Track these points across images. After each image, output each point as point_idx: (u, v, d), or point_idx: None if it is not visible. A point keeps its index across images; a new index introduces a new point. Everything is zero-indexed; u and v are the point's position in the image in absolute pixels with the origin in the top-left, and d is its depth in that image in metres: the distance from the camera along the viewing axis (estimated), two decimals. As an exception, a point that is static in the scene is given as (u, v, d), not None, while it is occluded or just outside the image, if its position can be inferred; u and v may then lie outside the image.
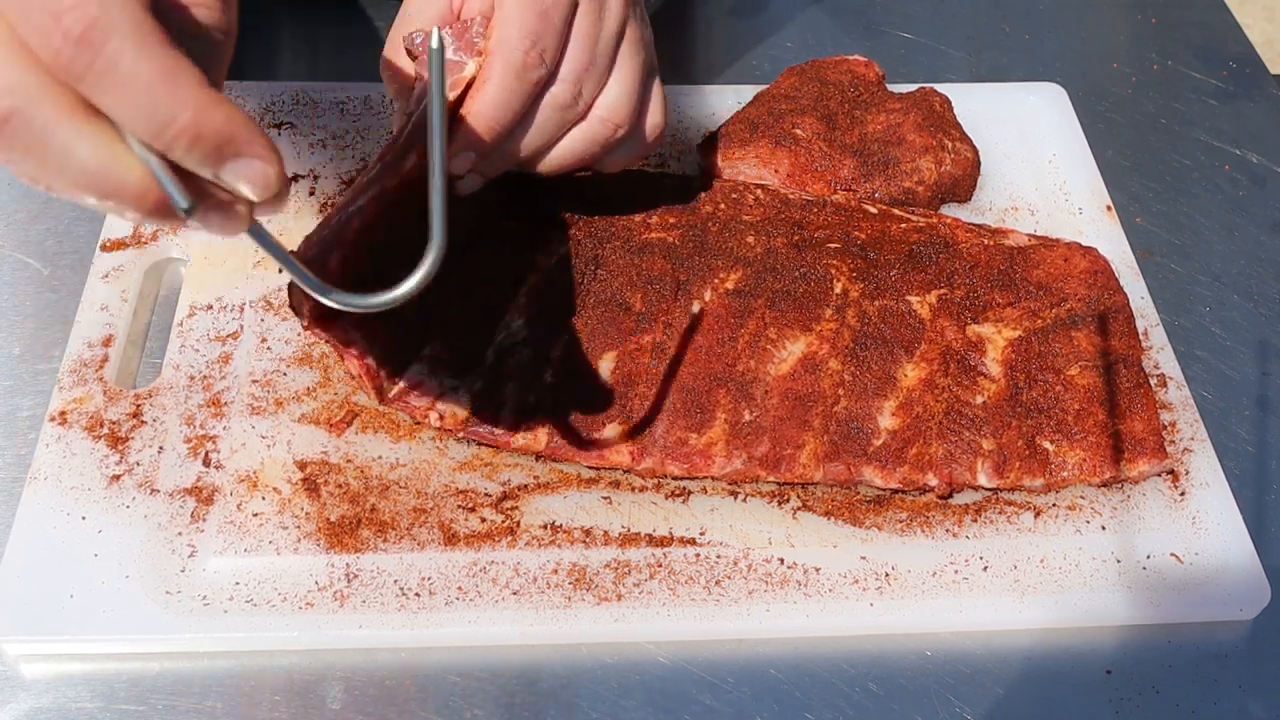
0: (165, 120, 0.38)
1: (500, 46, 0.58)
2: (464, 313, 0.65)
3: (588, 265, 0.68)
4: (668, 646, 0.60)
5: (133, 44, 0.37)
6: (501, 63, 0.58)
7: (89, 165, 0.39)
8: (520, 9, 0.58)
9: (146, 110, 0.38)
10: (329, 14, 0.95)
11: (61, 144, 0.39)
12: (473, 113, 0.59)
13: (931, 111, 0.79)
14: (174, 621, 0.58)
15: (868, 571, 0.62)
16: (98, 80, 0.37)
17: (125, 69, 0.37)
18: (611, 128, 0.63)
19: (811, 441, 0.63)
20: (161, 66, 0.37)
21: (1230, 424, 0.72)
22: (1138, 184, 0.87)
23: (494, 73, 0.58)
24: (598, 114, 0.63)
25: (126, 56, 0.37)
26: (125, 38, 0.37)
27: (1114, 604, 0.61)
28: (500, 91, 0.58)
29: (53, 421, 0.64)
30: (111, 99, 0.38)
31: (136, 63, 0.37)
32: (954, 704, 0.59)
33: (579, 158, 0.64)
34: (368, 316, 0.59)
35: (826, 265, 0.70)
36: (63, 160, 0.39)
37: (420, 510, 0.62)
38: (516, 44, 0.58)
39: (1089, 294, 0.70)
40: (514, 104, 0.59)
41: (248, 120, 0.40)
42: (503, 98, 0.59)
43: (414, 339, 0.63)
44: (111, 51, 0.37)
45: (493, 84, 0.58)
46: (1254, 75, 0.96)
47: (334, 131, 0.81)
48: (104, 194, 0.40)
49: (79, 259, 0.74)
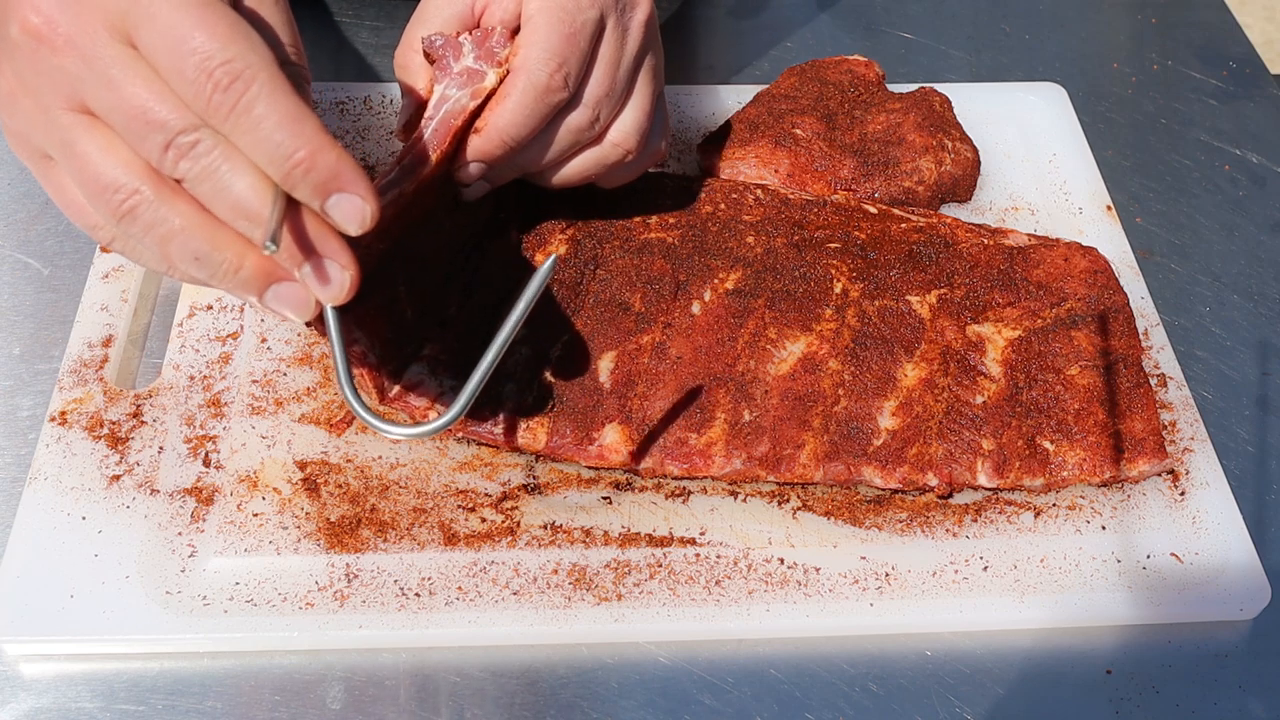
0: (288, 154, 0.45)
1: (525, 65, 0.59)
2: (464, 312, 0.65)
3: (587, 265, 0.68)
4: (668, 646, 0.60)
5: (267, 91, 0.45)
6: (525, 80, 0.59)
7: (198, 233, 0.48)
8: (549, 29, 0.59)
9: (273, 144, 0.45)
10: (329, 14, 0.95)
11: (174, 222, 0.47)
12: (489, 125, 0.59)
13: (931, 111, 0.79)
14: (174, 621, 0.58)
15: (868, 571, 0.62)
16: (237, 120, 0.45)
17: (259, 111, 0.45)
18: (622, 152, 0.64)
19: (811, 441, 0.63)
20: (288, 111, 0.45)
21: (1230, 424, 0.72)
22: (1138, 184, 0.87)
23: (516, 89, 0.59)
24: (611, 139, 0.64)
25: (262, 101, 0.45)
26: (261, 85, 0.45)
27: (1114, 604, 0.61)
28: (520, 109, 0.59)
29: (53, 421, 0.64)
30: (247, 136, 0.45)
31: (270, 107, 0.45)
32: (954, 704, 0.59)
33: (585, 176, 0.65)
34: (370, 315, 0.59)
35: (826, 265, 0.70)
36: (173, 233, 0.48)
37: (420, 510, 0.62)
38: (542, 65, 0.59)
39: (1089, 294, 0.70)
40: (531, 123, 0.60)
41: (355, 164, 0.47)
42: (521, 116, 0.59)
43: (415, 339, 0.63)
44: (250, 97, 0.45)
45: (513, 100, 0.59)
46: (1254, 75, 0.96)
47: (334, 131, 0.81)
48: (212, 264, 0.48)
49: (79, 259, 0.74)
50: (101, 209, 0.48)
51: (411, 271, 0.62)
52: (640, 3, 0.63)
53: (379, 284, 0.59)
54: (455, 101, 0.59)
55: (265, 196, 0.46)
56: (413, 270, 0.62)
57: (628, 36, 0.62)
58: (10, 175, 0.80)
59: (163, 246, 0.48)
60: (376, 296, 0.59)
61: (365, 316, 0.59)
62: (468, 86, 0.60)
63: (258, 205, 0.47)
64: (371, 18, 0.95)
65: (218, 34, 0.44)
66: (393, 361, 0.62)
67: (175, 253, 0.48)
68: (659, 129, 0.67)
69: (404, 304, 0.62)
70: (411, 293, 0.62)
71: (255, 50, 0.45)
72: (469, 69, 0.60)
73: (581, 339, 0.65)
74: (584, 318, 0.66)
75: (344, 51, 0.92)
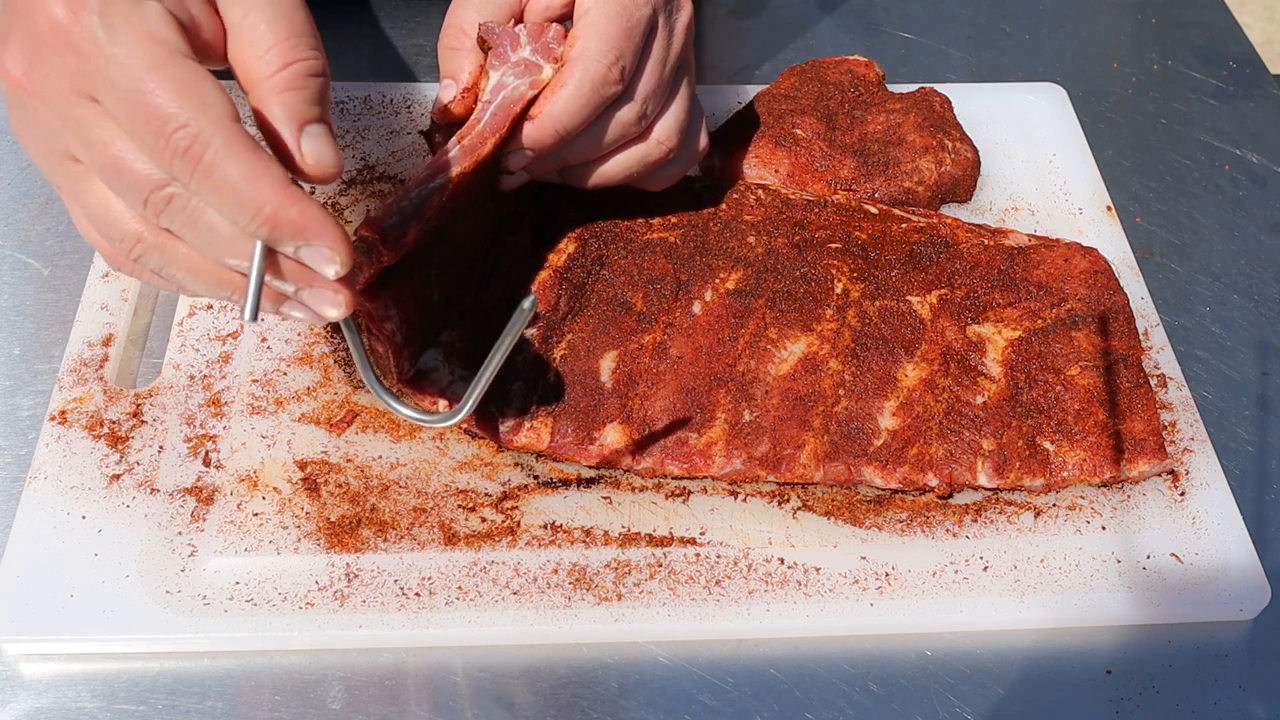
0: (252, 212, 0.46)
1: (582, 56, 0.60)
2: (480, 303, 0.65)
3: (594, 265, 0.68)
4: (668, 646, 0.60)
5: (225, 153, 0.45)
6: (582, 71, 0.60)
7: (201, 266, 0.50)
8: (607, 22, 0.60)
9: (237, 203, 0.46)
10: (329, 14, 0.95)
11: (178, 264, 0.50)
12: (543, 114, 0.60)
13: (931, 111, 0.79)
14: (174, 621, 0.58)
15: (868, 571, 0.62)
16: (200, 182, 0.45)
17: (219, 173, 0.45)
18: (665, 150, 0.65)
19: (811, 441, 0.63)
20: (248, 169, 0.45)
21: (1230, 424, 0.72)
22: (1138, 184, 0.87)
23: (573, 79, 0.60)
24: (656, 136, 0.65)
25: (219, 163, 0.45)
26: (218, 149, 0.45)
27: (1114, 604, 0.61)
28: (575, 99, 0.60)
29: (53, 421, 0.64)
30: (210, 196, 0.46)
31: (227, 167, 0.45)
32: (954, 704, 0.59)
33: (628, 174, 0.66)
34: (405, 295, 0.60)
35: (827, 265, 0.70)
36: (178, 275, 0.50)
37: (420, 510, 0.62)
38: (600, 57, 0.60)
39: (1089, 294, 0.70)
40: (584, 113, 0.60)
41: (320, 213, 0.47)
42: (576, 106, 0.60)
43: (436, 324, 0.63)
44: (209, 160, 0.45)
45: (569, 90, 0.60)
46: (1254, 75, 0.96)
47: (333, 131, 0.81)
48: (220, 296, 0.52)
49: (79, 259, 0.74)
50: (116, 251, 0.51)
51: (445, 255, 0.63)
52: (685, 5, 0.64)
53: (418, 262, 0.60)
54: (513, 89, 0.60)
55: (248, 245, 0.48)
56: (446, 254, 0.63)
57: (673, 36, 0.63)
58: (10, 175, 0.80)
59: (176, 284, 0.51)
60: (415, 275, 0.60)
61: (401, 295, 0.59)
62: (525, 76, 0.61)
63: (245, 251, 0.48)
64: (372, 18, 0.95)
65: (168, 95, 0.44)
66: (413, 344, 0.62)
67: (189, 288, 0.51)
68: (697, 128, 0.68)
69: (433, 286, 0.62)
70: (442, 276, 0.63)
71: (209, 110, 0.45)
72: (526, 60, 0.61)
73: (584, 338, 0.65)
74: (587, 317, 0.66)
75: (344, 51, 0.92)
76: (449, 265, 0.63)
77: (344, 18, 0.95)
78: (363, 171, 0.79)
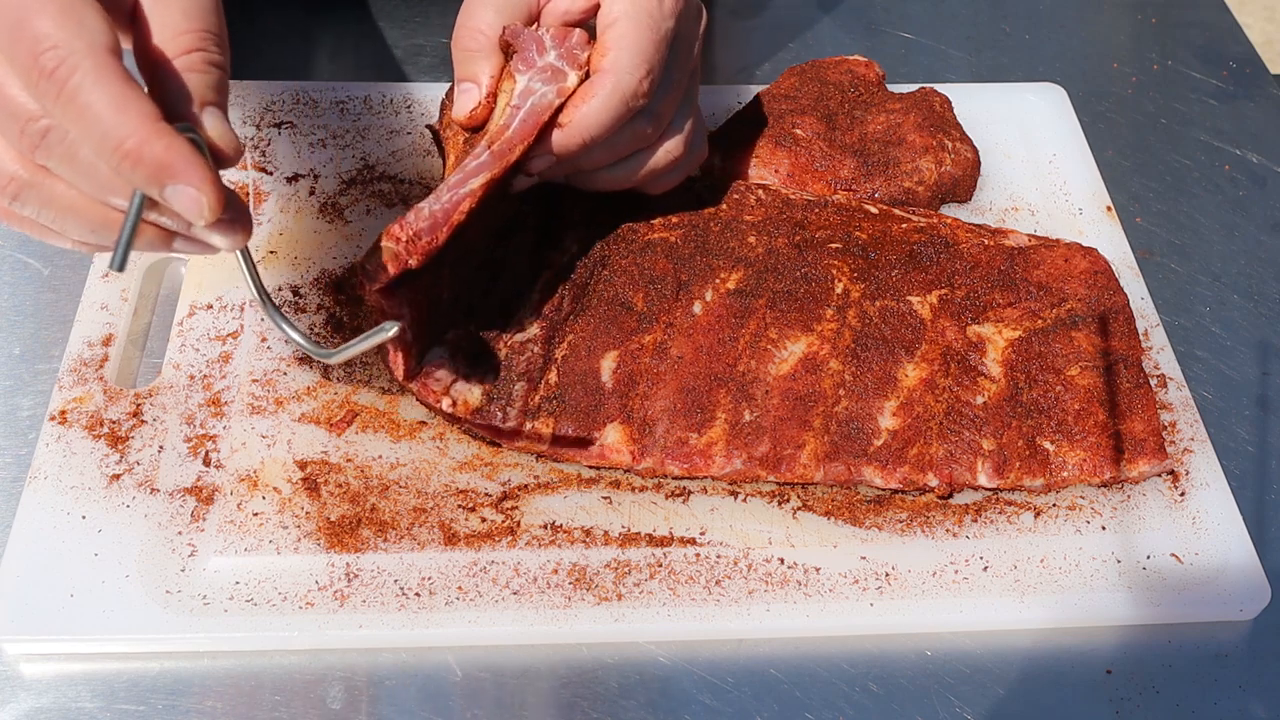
0: (114, 143, 0.44)
1: (615, 67, 0.60)
2: (486, 299, 0.65)
3: (596, 265, 0.68)
4: (668, 646, 0.60)
5: (92, 79, 0.43)
6: (614, 83, 0.59)
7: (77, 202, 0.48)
8: (638, 34, 0.60)
9: (100, 134, 0.44)
10: (329, 14, 0.95)
11: (55, 206, 0.48)
12: (574, 123, 0.60)
13: (931, 111, 0.79)
14: (174, 621, 0.58)
15: (868, 571, 0.62)
16: (65, 108, 0.44)
17: (83, 98, 0.43)
18: (670, 159, 0.66)
19: (812, 441, 0.63)
20: (115, 97, 0.43)
21: (1230, 424, 0.72)
22: (1138, 184, 0.87)
23: (604, 89, 0.60)
24: (665, 145, 0.65)
25: (85, 88, 0.43)
26: (86, 73, 0.43)
27: (1114, 604, 0.61)
28: (606, 110, 0.60)
29: (53, 421, 0.64)
30: (77, 124, 0.44)
31: (92, 92, 0.43)
32: (954, 704, 0.59)
33: (633, 180, 0.66)
34: (418, 294, 0.60)
35: (827, 265, 0.70)
36: (57, 217, 0.48)
37: (420, 510, 0.62)
38: (632, 70, 0.60)
39: (1089, 294, 0.70)
40: (613, 124, 0.61)
41: (191, 152, 0.45)
42: (606, 117, 0.60)
43: (444, 322, 0.63)
44: (74, 83, 0.43)
45: (600, 100, 0.60)
46: (1254, 75, 0.96)
47: (334, 131, 0.81)
48: (102, 243, 0.50)
49: (79, 259, 0.74)
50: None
51: (457, 254, 0.63)
52: (701, 15, 0.65)
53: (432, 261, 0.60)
54: (542, 95, 0.61)
55: (125, 185, 0.46)
56: (458, 253, 0.63)
57: (693, 48, 0.64)
58: (10, 174, 0.80)
59: (55, 230, 0.49)
60: (428, 274, 0.60)
61: (415, 294, 0.59)
62: (553, 84, 0.61)
63: (126, 190, 0.46)
64: (372, 18, 0.95)
65: (46, 17, 0.43)
66: (421, 342, 0.62)
67: (70, 233, 0.49)
68: (700, 135, 0.69)
69: (444, 285, 0.62)
70: (453, 275, 0.63)
71: (84, 34, 0.44)
72: (552, 66, 0.61)
73: (585, 338, 0.65)
74: (589, 317, 0.66)
75: (344, 51, 0.92)
76: (460, 264, 0.63)
77: (344, 18, 0.95)
78: (363, 171, 0.79)
